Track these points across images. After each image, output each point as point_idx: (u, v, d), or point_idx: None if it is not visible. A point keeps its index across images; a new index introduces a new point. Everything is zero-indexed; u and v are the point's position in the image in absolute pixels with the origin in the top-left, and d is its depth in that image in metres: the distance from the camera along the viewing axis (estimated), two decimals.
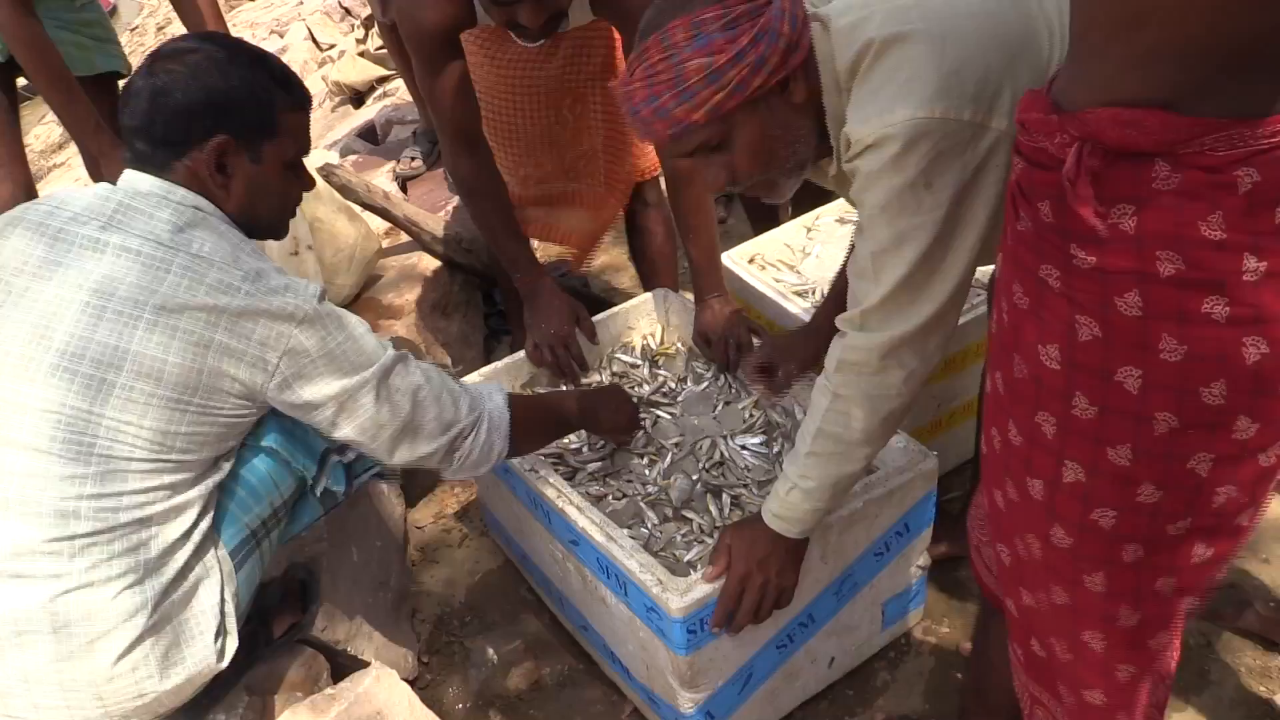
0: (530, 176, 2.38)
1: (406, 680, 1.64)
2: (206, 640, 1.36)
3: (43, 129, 6.13)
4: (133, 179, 1.37)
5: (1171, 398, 0.86)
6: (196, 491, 1.35)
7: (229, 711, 1.61)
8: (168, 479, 1.31)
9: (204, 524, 1.37)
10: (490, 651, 1.95)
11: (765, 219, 2.79)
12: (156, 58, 1.38)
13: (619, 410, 1.84)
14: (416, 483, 2.41)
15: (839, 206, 2.45)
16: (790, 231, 2.40)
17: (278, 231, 1.51)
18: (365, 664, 1.62)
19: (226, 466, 1.41)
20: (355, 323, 1.40)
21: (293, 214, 1.52)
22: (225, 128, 1.35)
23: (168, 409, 1.29)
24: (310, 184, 1.52)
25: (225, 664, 1.40)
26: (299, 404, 1.36)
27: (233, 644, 1.41)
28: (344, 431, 1.40)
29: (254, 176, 1.40)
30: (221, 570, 1.40)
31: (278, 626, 1.71)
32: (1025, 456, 0.97)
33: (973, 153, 1.15)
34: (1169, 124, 0.79)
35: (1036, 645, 1.10)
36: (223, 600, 1.40)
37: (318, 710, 1.50)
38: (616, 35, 2.16)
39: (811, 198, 2.62)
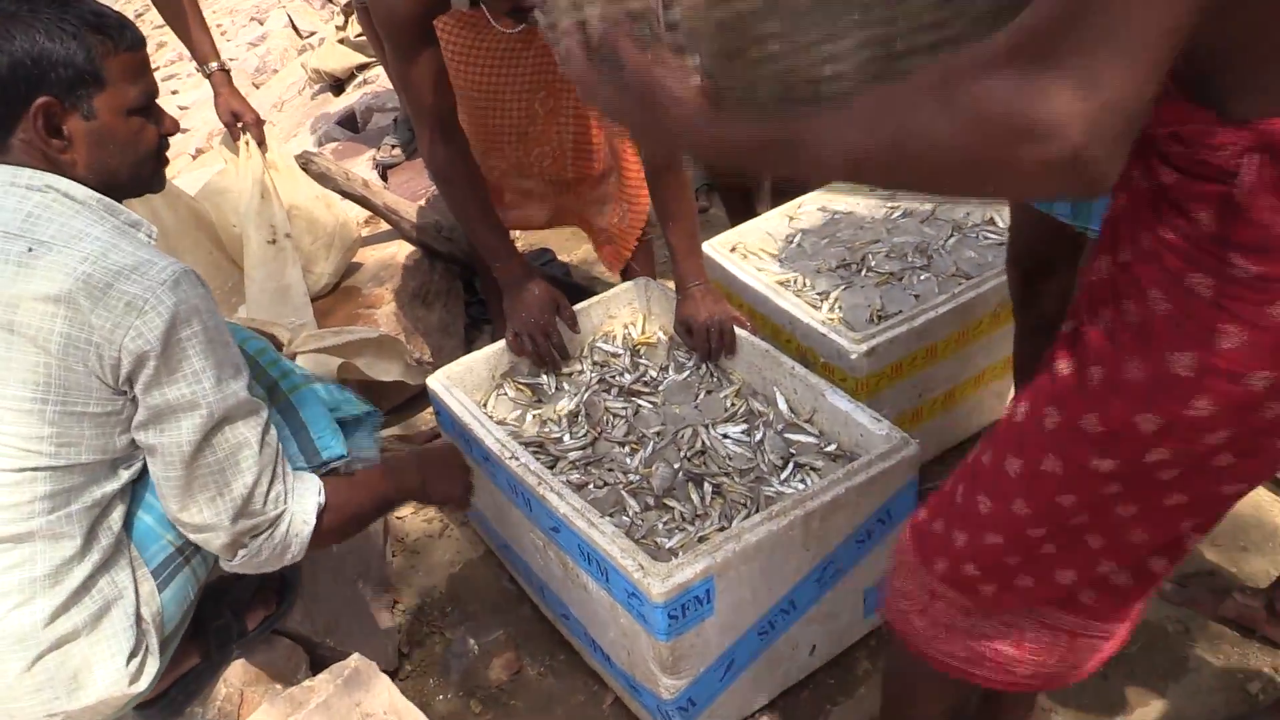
0: (495, 168, 2.36)
1: (387, 672, 1.62)
2: (118, 663, 1.31)
3: None
4: None
5: None
6: (84, 502, 1.28)
7: (206, 705, 1.59)
8: (43, 489, 1.25)
9: (105, 540, 1.31)
10: (471, 642, 1.94)
11: (741, 211, 2.78)
12: None
13: (450, 480, 1.73)
14: None
15: (820, 195, 2.45)
16: (772, 220, 2.39)
17: (148, 184, 1.41)
18: (345, 655, 1.60)
19: (126, 474, 1.33)
20: (212, 329, 1.27)
21: (161, 161, 1.41)
22: (44, 90, 1.25)
23: (22, 412, 1.22)
24: (172, 126, 1.40)
25: (144, 686, 1.35)
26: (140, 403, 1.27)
27: (153, 665, 1.36)
28: (146, 441, 1.29)
29: (94, 133, 1.30)
30: (138, 589, 1.35)
31: (251, 620, 1.69)
32: (1099, 441, 0.94)
33: None
34: None
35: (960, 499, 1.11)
36: (139, 619, 1.34)
37: (296, 703, 1.48)
38: None
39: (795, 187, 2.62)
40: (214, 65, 2.48)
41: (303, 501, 1.40)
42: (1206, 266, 0.83)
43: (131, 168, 1.36)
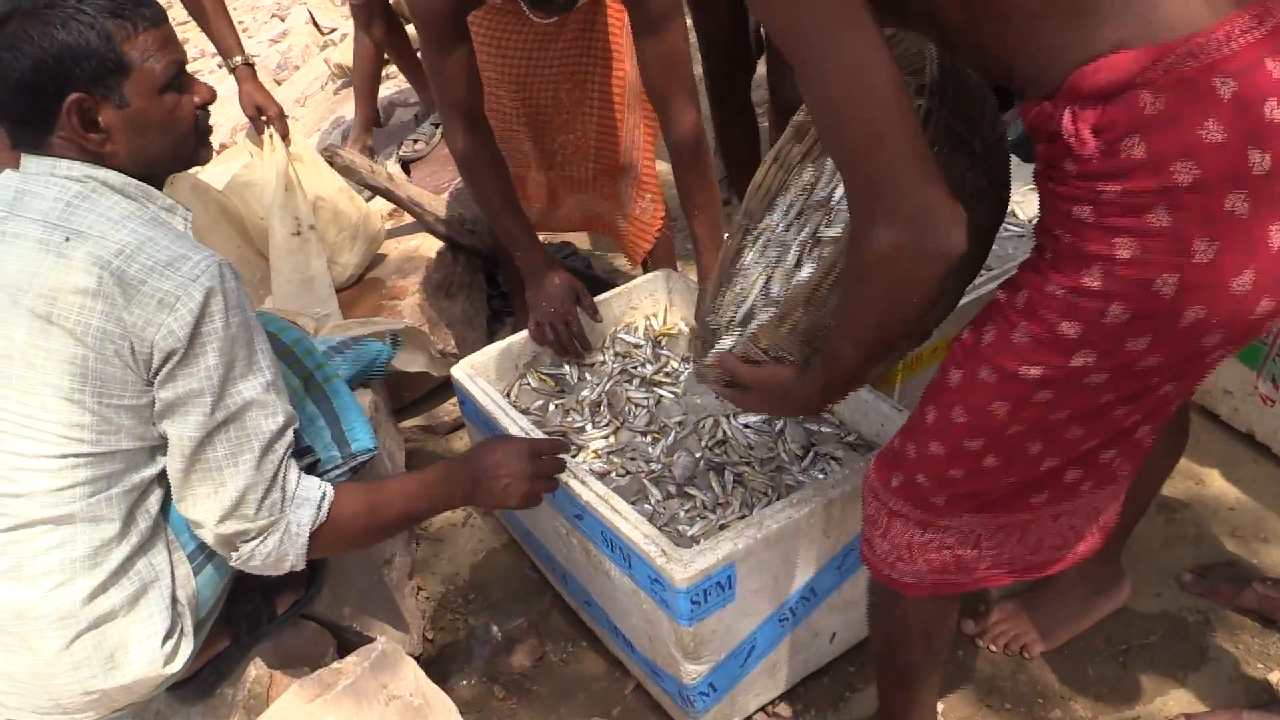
0: (521, 160, 2.38)
1: (411, 656, 1.65)
2: (153, 644, 1.34)
3: None
4: (26, 162, 1.30)
5: (1205, 296, 0.96)
6: (123, 486, 1.30)
7: (237, 686, 1.62)
8: (84, 474, 1.27)
9: (143, 524, 1.33)
10: (494, 629, 1.97)
11: None
12: None
13: (511, 484, 1.53)
14: (422, 463, 2.42)
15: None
16: None
17: (191, 159, 1.40)
18: (371, 640, 1.63)
19: (163, 460, 1.34)
20: (236, 326, 1.27)
21: (202, 130, 1.39)
22: (72, 86, 1.23)
23: (62, 399, 1.24)
24: (208, 94, 1.38)
25: (178, 667, 1.37)
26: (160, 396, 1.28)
27: (187, 646, 1.38)
28: (162, 431, 1.30)
29: (130, 120, 1.28)
30: (175, 573, 1.37)
31: (280, 603, 1.72)
32: (1027, 350, 1.07)
33: None
34: (1130, 57, 0.91)
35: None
36: (175, 601, 1.37)
37: (325, 684, 1.51)
38: (622, 12, 2.15)
39: None
40: (238, 59, 2.50)
41: (299, 512, 1.36)
42: (1084, 199, 0.99)
43: (172, 148, 1.35)
